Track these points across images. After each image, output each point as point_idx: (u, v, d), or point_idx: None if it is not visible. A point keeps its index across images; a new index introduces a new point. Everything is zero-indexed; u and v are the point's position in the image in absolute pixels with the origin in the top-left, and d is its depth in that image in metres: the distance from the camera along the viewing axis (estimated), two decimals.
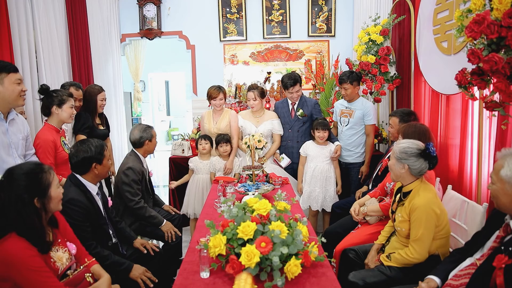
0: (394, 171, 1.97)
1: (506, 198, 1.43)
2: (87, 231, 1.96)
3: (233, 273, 1.46)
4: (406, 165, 1.90)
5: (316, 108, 3.54)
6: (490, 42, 1.58)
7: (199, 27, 4.83)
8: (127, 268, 2.00)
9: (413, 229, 1.87)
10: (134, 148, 2.82)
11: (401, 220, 1.94)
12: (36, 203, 1.50)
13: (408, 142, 1.94)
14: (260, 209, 1.62)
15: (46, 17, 3.40)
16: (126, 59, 6.97)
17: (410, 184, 1.95)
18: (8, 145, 2.14)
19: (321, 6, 4.70)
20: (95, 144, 2.05)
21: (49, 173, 1.57)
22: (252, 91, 3.45)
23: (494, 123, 2.17)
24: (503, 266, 1.32)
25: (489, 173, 2.23)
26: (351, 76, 3.31)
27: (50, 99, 2.55)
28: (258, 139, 3.18)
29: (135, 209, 2.60)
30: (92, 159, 2.02)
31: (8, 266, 1.40)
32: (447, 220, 1.91)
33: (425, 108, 3.18)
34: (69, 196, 1.91)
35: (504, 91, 1.54)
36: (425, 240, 1.83)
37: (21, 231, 1.45)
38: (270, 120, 3.52)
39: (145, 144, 2.79)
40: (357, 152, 3.46)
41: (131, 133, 2.81)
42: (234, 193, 2.67)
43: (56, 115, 2.56)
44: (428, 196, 1.87)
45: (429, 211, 1.83)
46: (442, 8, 2.66)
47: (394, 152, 1.95)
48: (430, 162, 1.90)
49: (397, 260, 1.91)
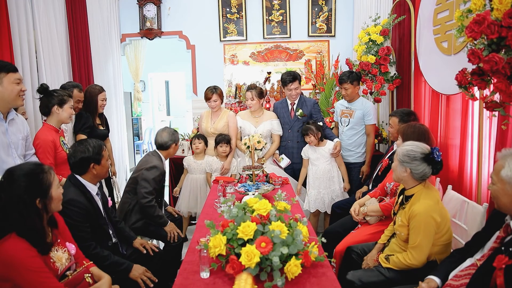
0: (396, 173, 1.94)
1: (506, 199, 1.43)
2: (87, 232, 1.96)
3: (233, 273, 1.46)
4: (408, 169, 1.86)
5: (316, 107, 3.54)
6: (490, 42, 1.58)
7: (199, 27, 4.83)
8: (127, 268, 2.00)
9: (411, 236, 1.84)
10: (158, 149, 2.86)
11: (400, 225, 1.92)
12: (38, 204, 1.50)
13: (412, 145, 1.88)
14: (260, 209, 1.62)
15: (46, 17, 3.39)
16: (126, 59, 6.97)
17: (412, 188, 1.91)
18: (8, 145, 2.12)
19: (321, 6, 4.70)
20: (93, 145, 2.04)
21: (49, 173, 1.57)
22: (250, 91, 3.46)
23: (494, 123, 2.17)
24: (503, 267, 1.31)
25: (489, 174, 2.23)
26: (351, 76, 3.31)
27: (50, 99, 2.54)
28: (258, 139, 3.18)
29: (146, 207, 2.58)
30: (90, 160, 2.01)
31: (8, 266, 1.39)
32: (448, 227, 1.88)
33: (425, 108, 3.17)
34: (68, 196, 1.89)
35: (504, 91, 1.54)
36: (423, 247, 1.81)
37: (22, 232, 1.45)
38: (269, 120, 3.52)
39: (170, 148, 2.85)
40: (358, 152, 3.46)
41: (159, 135, 2.85)
42: (234, 193, 2.67)
43: (56, 115, 2.55)
44: (429, 203, 1.82)
45: (428, 219, 1.79)
46: (442, 8, 2.66)
47: (397, 154, 1.91)
48: (434, 167, 1.84)
49: (395, 263, 1.90)
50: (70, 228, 1.82)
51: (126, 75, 6.34)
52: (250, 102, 3.47)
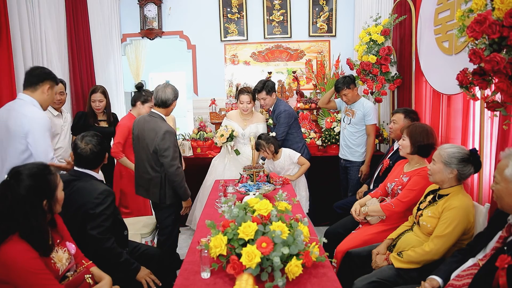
0: (440, 176, 1.93)
1: (510, 198, 1.43)
2: (110, 224, 1.93)
3: (234, 273, 1.46)
4: (455, 170, 1.88)
5: (280, 118, 3.44)
6: (491, 42, 1.57)
7: (200, 27, 4.82)
8: (137, 268, 2.00)
9: (440, 226, 1.84)
10: (158, 107, 2.62)
11: (430, 216, 1.92)
12: (44, 205, 1.50)
13: (455, 147, 1.92)
14: (261, 209, 1.62)
15: (46, 17, 3.39)
16: (127, 59, 6.95)
17: (449, 188, 1.94)
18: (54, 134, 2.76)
19: (322, 6, 4.69)
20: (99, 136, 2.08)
21: (55, 175, 1.58)
22: (247, 94, 3.42)
23: (495, 123, 2.16)
24: (506, 266, 1.31)
25: (490, 174, 2.23)
26: (345, 81, 3.33)
27: (139, 95, 3.28)
28: (222, 133, 3.35)
29: (174, 175, 2.48)
30: (104, 151, 2.07)
31: (8, 269, 1.39)
32: (473, 234, 1.89)
33: (426, 108, 3.17)
34: (101, 187, 1.92)
35: (505, 91, 1.53)
36: (449, 239, 1.82)
37: (26, 233, 1.44)
38: (256, 123, 3.52)
39: (171, 105, 2.65)
40: (358, 151, 3.46)
41: (162, 91, 2.59)
42: (235, 193, 2.66)
43: (138, 108, 3.29)
44: (467, 202, 1.87)
45: (464, 215, 1.82)
46: (443, 8, 2.66)
47: (441, 156, 1.91)
48: (476, 167, 1.89)
49: (410, 257, 1.88)
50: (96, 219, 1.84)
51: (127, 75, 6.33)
52: (246, 105, 3.43)
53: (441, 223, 1.85)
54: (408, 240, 2.01)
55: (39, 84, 2.28)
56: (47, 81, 2.31)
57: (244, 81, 4.69)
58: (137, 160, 2.72)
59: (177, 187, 2.55)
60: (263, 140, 3.18)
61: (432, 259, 1.84)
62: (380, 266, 2.00)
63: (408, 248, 1.96)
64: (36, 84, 2.28)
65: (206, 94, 4.82)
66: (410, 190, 2.24)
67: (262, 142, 3.17)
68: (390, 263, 1.95)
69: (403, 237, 2.06)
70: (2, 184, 1.48)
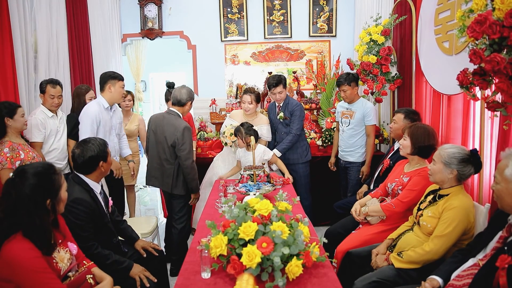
0: (440, 176, 1.93)
1: (510, 198, 1.43)
2: (90, 232, 1.95)
3: (234, 273, 1.46)
4: (455, 170, 1.88)
5: (296, 111, 3.45)
6: (492, 42, 1.57)
7: (200, 27, 4.82)
8: (128, 266, 2.00)
9: (441, 226, 1.84)
10: (174, 106, 2.89)
11: (430, 216, 1.92)
12: (48, 205, 1.50)
13: (455, 147, 1.92)
14: (261, 209, 1.62)
15: (46, 17, 3.40)
16: (127, 59, 6.96)
17: (449, 188, 1.94)
18: (110, 127, 3.02)
19: (322, 6, 4.69)
20: (98, 142, 2.05)
21: (60, 175, 1.58)
22: (249, 94, 3.41)
23: (496, 124, 2.17)
24: (506, 267, 1.31)
25: (491, 174, 2.23)
26: (348, 77, 3.30)
27: (169, 94, 3.64)
28: (231, 132, 3.34)
29: (190, 168, 2.76)
30: (98, 158, 2.02)
31: (11, 267, 1.39)
32: (473, 234, 1.89)
33: (426, 109, 3.17)
34: (74, 195, 1.89)
35: (506, 91, 1.53)
36: (449, 239, 1.82)
37: (29, 231, 1.44)
38: (260, 125, 3.49)
39: (186, 105, 2.91)
40: (358, 152, 3.45)
41: (178, 91, 2.88)
42: (235, 193, 2.66)
43: (167, 105, 3.58)
44: (467, 202, 1.87)
45: (464, 215, 1.82)
46: (443, 8, 2.66)
47: (442, 156, 1.91)
48: (476, 167, 1.89)
49: (410, 257, 1.88)
50: (74, 228, 1.82)
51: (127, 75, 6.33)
52: (248, 105, 3.42)
53: (441, 223, 1.85)
54: (408, 240, 2.01)
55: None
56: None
57: (245, 81, 4.70)
58: (151, 153, 2.97)
59: (190, 179, 2.83)
60: (244, 129, 3.12)
61: (432, 259, 1.84)
62: (380, 266, 2.00)
63: (408, 248, 1.96)
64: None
65: (207, 94, 4.83)
66: (410, 190, 2.24)
67: (242, 130, 3.11)
68: (390, 263, 1.95)
69: (403, 237, 2.05)
70: (7, 182, 1.49)
